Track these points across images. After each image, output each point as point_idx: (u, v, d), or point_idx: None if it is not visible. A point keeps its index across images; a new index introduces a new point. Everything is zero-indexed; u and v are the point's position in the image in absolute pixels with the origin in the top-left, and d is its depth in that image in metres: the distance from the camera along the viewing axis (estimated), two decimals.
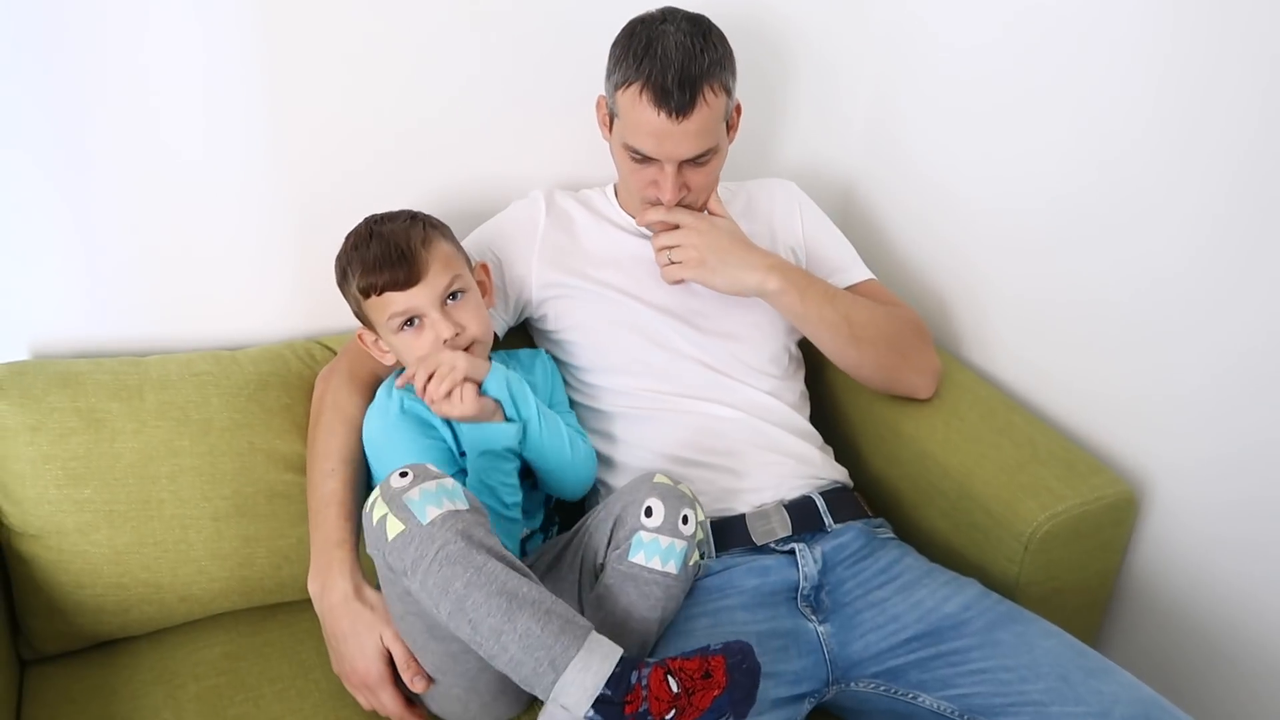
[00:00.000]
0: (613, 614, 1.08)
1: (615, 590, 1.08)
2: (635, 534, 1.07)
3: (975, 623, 1.12)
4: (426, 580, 0.95)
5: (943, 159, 1.52)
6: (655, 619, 1.08)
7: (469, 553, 0.95)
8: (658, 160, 1.23)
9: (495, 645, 0.95)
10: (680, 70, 1.17)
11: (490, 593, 0.95)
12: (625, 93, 1.20)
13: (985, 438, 1.32)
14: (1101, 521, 1.25)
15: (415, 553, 0.95)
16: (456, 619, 0.95)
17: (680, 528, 1.07)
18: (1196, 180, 1.16)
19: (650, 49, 1.18)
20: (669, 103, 1.17)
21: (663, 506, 1.07)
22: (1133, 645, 1.37)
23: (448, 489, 0.99)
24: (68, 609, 1.19)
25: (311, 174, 1.36)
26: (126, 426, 1.19)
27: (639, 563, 1.07)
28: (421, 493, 0.97)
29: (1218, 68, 1.11)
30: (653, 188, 1.27)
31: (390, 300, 1.12)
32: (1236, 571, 1.23)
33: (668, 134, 1.20)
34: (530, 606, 0.95)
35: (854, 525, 1.25)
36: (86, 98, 1.21)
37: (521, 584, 0.96)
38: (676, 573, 1.08)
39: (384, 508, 0.98)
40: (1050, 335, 1.39)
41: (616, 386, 1.31)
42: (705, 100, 1.19)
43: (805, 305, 1.29)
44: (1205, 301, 1.18)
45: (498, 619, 0.94)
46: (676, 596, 1.10)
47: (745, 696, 0.92)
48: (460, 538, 0.96)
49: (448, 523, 0.96)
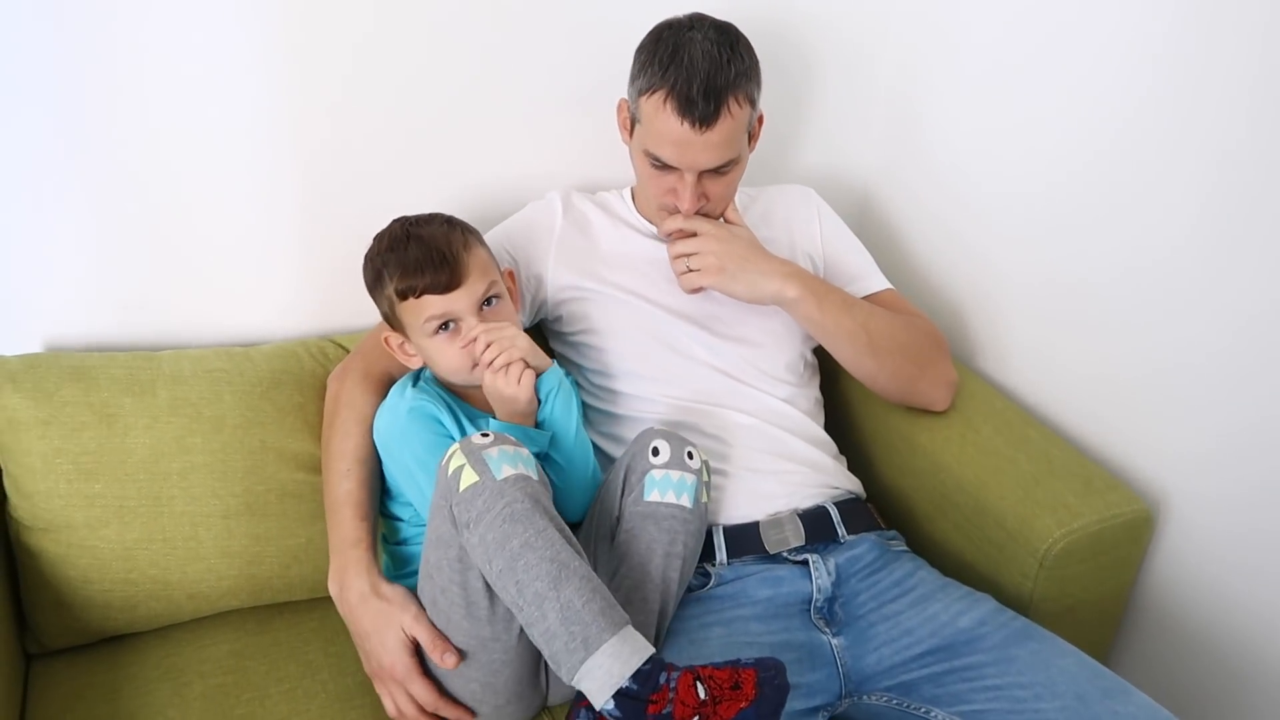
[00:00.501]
0: (636, 555, 1.10)
1: (635, 532, 1.11)
2: (647, 474, 1.12)
3: (990, 639, 1.11)
4: (487, 534, 0.97)
5: (961, 167, 1.51)
6: (678, 554, 1.11)
7: (533, 515, 0.97)
8: (678, 169, 1.23)
9: (536, 611, 0.96)
10: (706, 80, 1.16)
11: (544, 557, 0.96)
12: (649, 99, 1.20)
13: (1001, 451, 1.31)
14: (1118, 539, 1.24)
15: (483, 505, 0.97)
16: (505, 577, 0.97)
17: (687, 461, 1.13)
18: (1229, 196, 1.15)
19: (677, 56, 1.18)
20: (693, 113, 1.16)
21: (667, 445, 1.13)
22: (1145, 664, 1.36)
23: (523, 456, 1.02)
24: (75, 604, 1.19)
25: (327, 173, 1.35)
26: (138, 422, 1.19)
27: (654, 500, 1.11)
28: (500, 452, 1.00)
29: (1273, 68, 1.10)
30: (671, 195, 1.26)
31: (428, 304, 1.11)
32: (1252, 591, 1.22)
33: (690, 144, 1.19)
34: (578, 580, 0.96)
35: (868, 537, 1.24)
36: (105, 94, 1.20)
37: (574, 558, 0.98)
38: (690, 506, 1.12)
39: (462, 459, 1.00)
40: (1068, 349, 1.38)
41: (631, 391, 1.30)
42: (730, 112, 1.18)
43: (823, 314, 1.28)
44: (1226, 318, 1.17)
45: (544, 584, 0.95)
46: (695, 533, 1.14)
47: (771, 713, 0.91)
48: (528, 499, 0.98)
49: (519, 484, 0.98)
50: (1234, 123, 1.12)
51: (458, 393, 1.20)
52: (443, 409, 1.15)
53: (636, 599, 1.09)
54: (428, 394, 1.16)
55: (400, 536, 1.20)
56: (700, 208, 1.27)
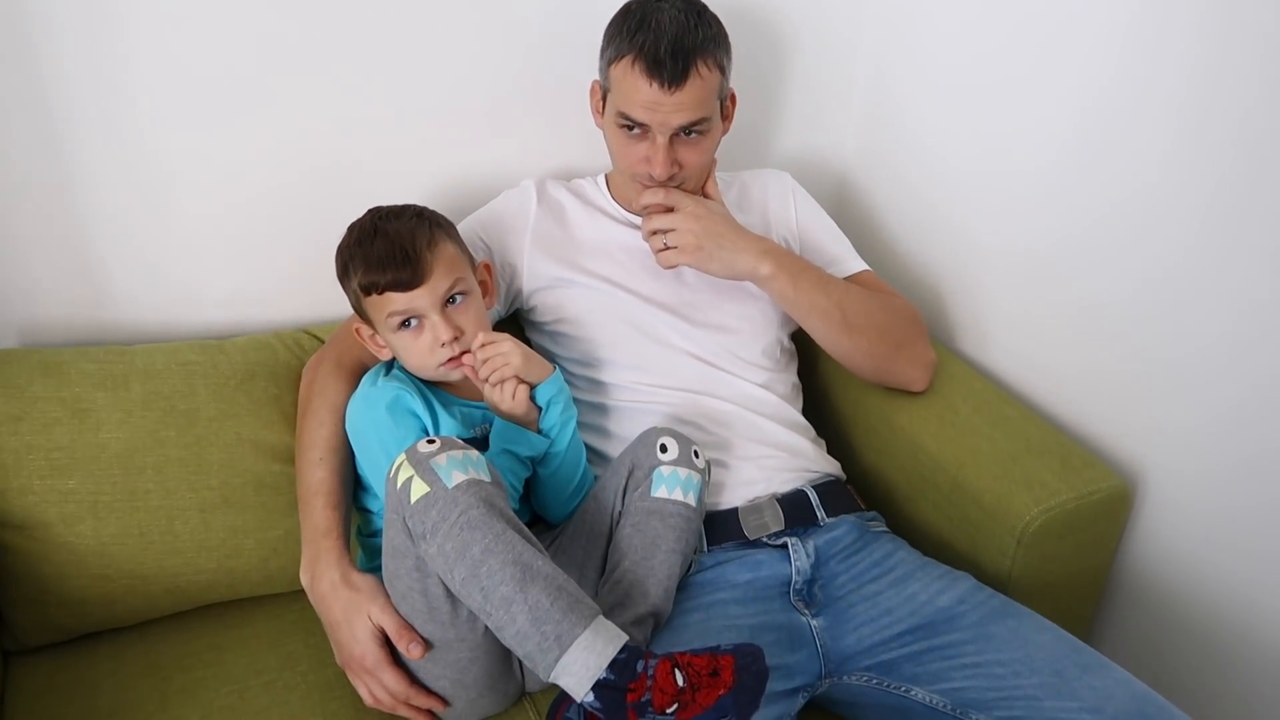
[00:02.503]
0: (640, 550, 1.11)
1: (640, 527, 1.12)
2: (655, 470, 1.14)
3: (969, 616, 1.11)
4: (445, 544, 0.96)
5: (938, 151, 1.50)
6: (681, 550, 1.13)
7: (490, 519, 0.96)
8: (650, 134, 1.22)
9: (504, 615, 0.95)
10: (674, 41, 1.17)
11: (506, 561, 0.95)
12: (618, 66, 1.21)
13: (979, 430, 1.31)
14: (1095, 516, 1.24)
15: (438, 515, 0.96)
16: (469, 585, 0.96)
17: (694, 460, 1.15)
18: (1198, 170, 1.15)
19: (644, 23, 1.19)
20: (662, 73, 1.17)
21: (675, 442, 1.15)
22: (1124, 640, 1.37)
23: (472, 459, 1.00)
24: (52, 601, 1.18)
25: (302, 162, 1.34)
26: (112, 417, 1.18)
27: (662, 496, 1.13)
28: (448, 459, 0.98)
29: (1225, 44, 1.10)
30: (644, 164, 1.25)
31: (391, 300, 1.11)
32: (1229, 567, 1.23)
33: (660, 104, 1.19)
34: (543, 580, 0.95)
35: (847, 519, 1.24)
36: (76, 80, 1.19)
37: (536, 557, 0.97)
38: (695, 505, 1.14)
39: (410, 470, 0.98)
40: (1045, 328, 1.38)
41: (608, 379, 1.29)
42: (699, 72, 1.19)
43: (797, 291, 1.28)
44: (1203, 296, 1.17)
45: (510, 588, 0.94)
46: (696, 531, 1.16)
47: (750, 700, 0.91)
48: (483, 504, 0.97)
49: (472, 489, 0.97)
50: (1206, 91, 1.12)
51: (430, 380, 1.19)
52: (417, 398, 1.14)
53: (637, 594, 1.09)
54: (401, 382, 1.15)
55: (373, 528, 1.19)
56: (673, 176, 1.26)
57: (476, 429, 1.18)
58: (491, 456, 1.12)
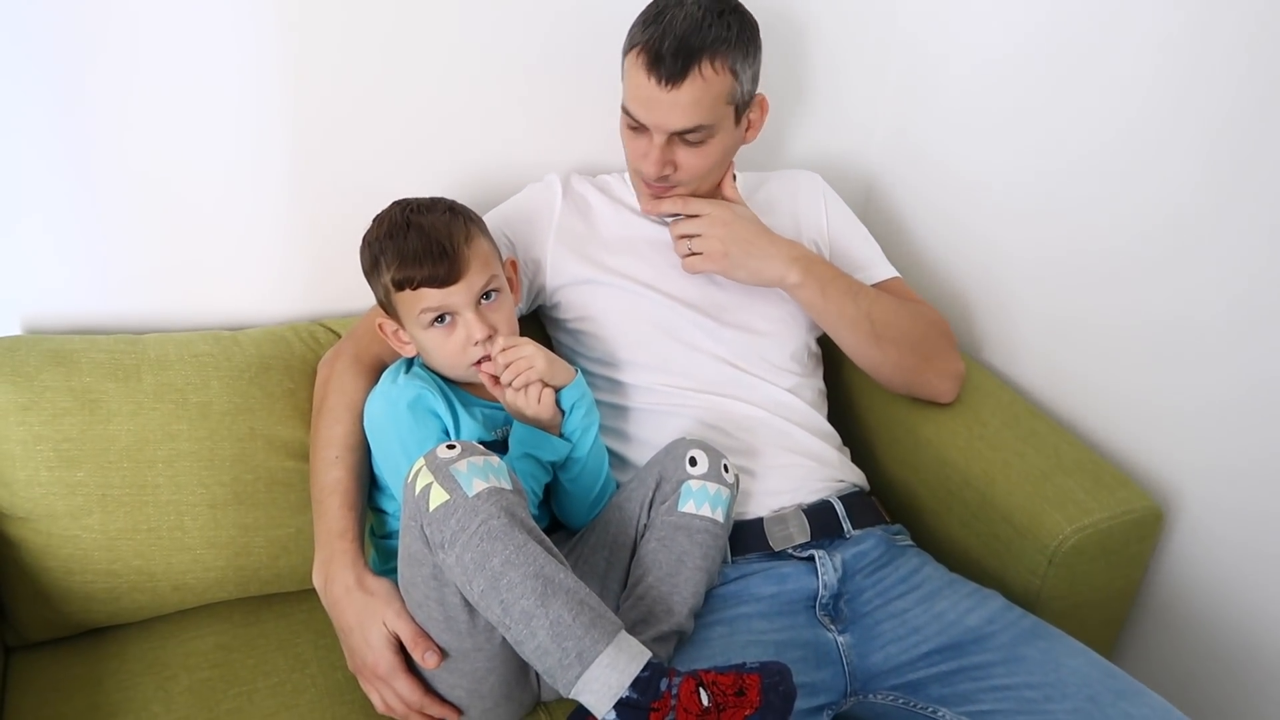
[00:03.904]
0: (666, 565, 1.09)
1: (667, 542, 1.10)
2: (683, 484, 1.11)
3: (999, 637, 1.08)
4: (464, 554, 0.92)
5: (967, 156, 1.47)
6: (706, 568, 1.10)
7: (511, 530, 0.93)
8: (648, 130, 1.20)
9: (524, 630, 0.92)
10: (680, 39, 1.14)
11: (527, 574, 0.92)
12: (629, 57, 1.19)
13: (1008, 445, 1.28)
14: (1128, 536, 1.21)
15: (457, 524, 0.92)
16: (488, 598, 0.92)
17: (724, 474, 1.12)
18: (1242, 185, 1.12)
19: (660, 16, 1.17)
20: (660, 69, 1.15)
21: (705, 456, 1.12)
22: (1150, 663, 1.34)
23: (494, 466, 0.96)
24: (56, 595, 1.15)
25: (319, 152, 1.31)
26: (122, 408, 1.15)
27: (689, 511, 1.10)
28: (469, 465, 0.94)
29: (1271, 56, 1.07)
30: (643, 160, 1.23)
31: (425, 296, 1.08)
32: (1260, 592, 1.20)
33: (656, 101, 1.17)
34: (565, 594, 0.92)
35: (874, 532, 1.22)
36: (91, 65, 1.16)
37: (558, 570, 0.94)
38: (723, 520, 1.11)
39: (429, 477, 0.94)
40: (1076, 341, 1.35)
41: (632, 380, 1.26)
42: (700, 73, 1.15)
43: (826, 300, 1.25)
44: (1241, 313, 1.14)
45: (530, 602, 0.91)
46: (722, 548, 1.14)
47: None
48: (504, 513, 0.93)
49: (493, 498, 0.93)
50: (1247, 102, 1.09)
51: (456, 379, 1.16)
52: (439, 398, 1.11)
53: (661, 611, 1.06)
54: (423, 380, 1.12)
55: (387, 529, 1.17)
56: (667, 176, 1.23)
57: (498, 431, 1.15)
58: (511, 460, 1.10)
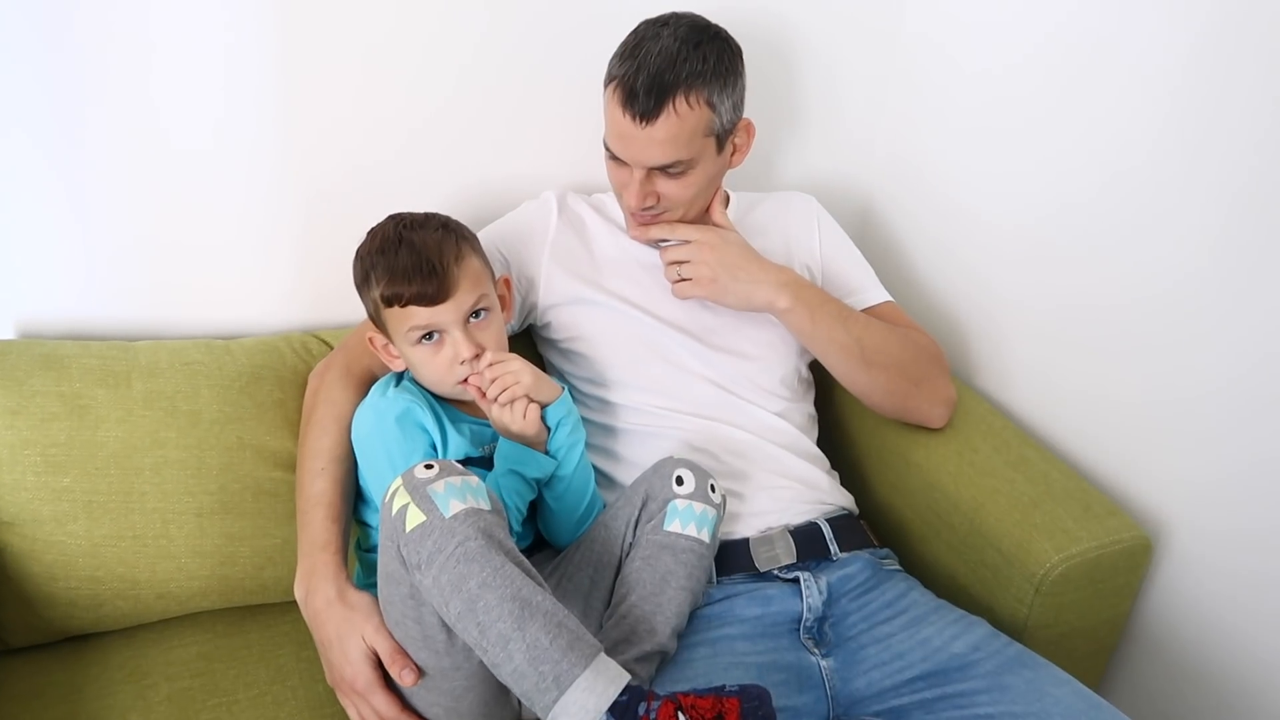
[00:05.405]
0: (649, 584, 1.08)
1: (651, 561, 1.09)
2: (669, 503, 1.10)
3: (984, 665, 1.08)
4: (440, 576, 0.91)
5: (965, 180, 1.48)
6: (690, 588, 1.09)
7: (488, 552, 0.92)
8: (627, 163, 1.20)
9: (501, 653, 0.91)
10: (653, 76, 1.14)
11: (504, 596, 0.91)
12: (606, 90, 1.19)
13: (998, 471, 1.28)
14: (1116, 566, 1.21)
15: (433, 546, 0.92)
16: (465, 620, 0.92)
17: (710, 495, 1.12)
18: (1221, 209, 1.12)
19: (637, 50, 1.17)
20: (634, 106, 1.15)
21: (692, 475, 1.12)
22: (1137, 694, 1.33)
23: (472, 486, 0.96)
24: (38, 601, 1.15)
25: (319, 166, 1.32)
26: (111, 414, 1.15)
27: (675, 530, 1.10)
28: (446, 486, 0.94)
29: (1229, 82, 1.08)
30: (625, 191, 1.24)
31: (413, 313, 1.08)
32: (1252, 624, 1.19)
33: (632, 138, 1.17)
34: (542, 617, 0.91)
35: (860, 555, 1.21)
36: (90, 73, 1.16)
37: (536, 592, 0.93)
38: (709, 541, 1.11)
39: (406, 497, 0.94)
40: (1071, 371, 1.35)
41: (622, 401, 1.26)
42: (674, 109, 1.15)
43: (815, 325, 1.25)
44: (1236, 349, 1.14)
45: (507, 625, 0.90)
46: (707, 569, 1.13)
47: None
48: (481, 535, 0.92)
49: (470, 519, 0.93)
50: (1249, 149, 1.09)
51: (444, 396, 1.16)
52: (427, 412, 1.11)
53: (644, 630, 1.06)
54: (412, 394, 1.12)
55: (371, 543, 1.16)
56: (649, 207, 1.24)
57: (485, 447, 1.14)
58: (497, 477, 1.09)
